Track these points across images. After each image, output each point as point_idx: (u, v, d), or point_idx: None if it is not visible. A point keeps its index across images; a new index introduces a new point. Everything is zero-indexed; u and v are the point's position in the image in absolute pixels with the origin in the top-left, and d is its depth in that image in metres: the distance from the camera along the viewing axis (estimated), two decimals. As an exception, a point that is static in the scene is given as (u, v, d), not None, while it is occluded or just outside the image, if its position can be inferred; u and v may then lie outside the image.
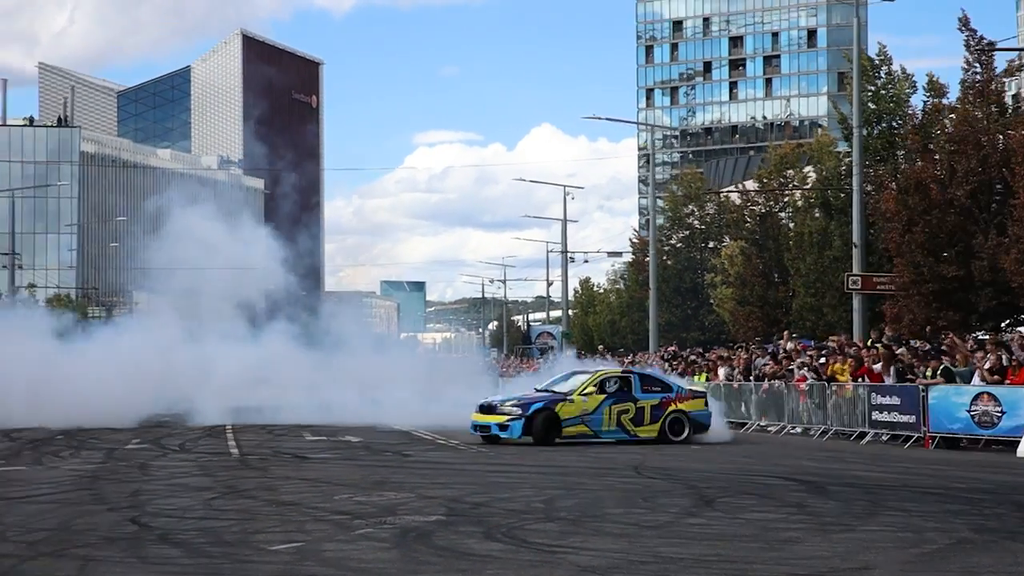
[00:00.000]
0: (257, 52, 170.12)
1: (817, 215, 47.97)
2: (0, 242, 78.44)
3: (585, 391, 27.78)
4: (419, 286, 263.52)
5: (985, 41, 36.20)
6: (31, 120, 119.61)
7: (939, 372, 26.46)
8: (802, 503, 15.60)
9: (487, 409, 27.70)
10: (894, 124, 42.35)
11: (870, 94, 42.21)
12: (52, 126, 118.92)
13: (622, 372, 29.77)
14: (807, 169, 54.34)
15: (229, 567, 11.23)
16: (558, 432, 27.22)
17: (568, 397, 27.66)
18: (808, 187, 50.87)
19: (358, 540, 12.70)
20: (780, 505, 15.41)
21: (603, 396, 27.88)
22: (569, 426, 27.37)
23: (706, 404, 28.87)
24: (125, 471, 20.67)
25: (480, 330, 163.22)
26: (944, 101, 39.38)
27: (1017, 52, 41.12)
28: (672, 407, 28.06)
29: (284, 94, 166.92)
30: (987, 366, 25.79)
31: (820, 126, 70.03)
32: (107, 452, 24.87)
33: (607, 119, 52.50)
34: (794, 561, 11.25)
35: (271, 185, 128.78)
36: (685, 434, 27.92)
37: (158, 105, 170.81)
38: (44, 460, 23.18)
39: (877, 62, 43.14)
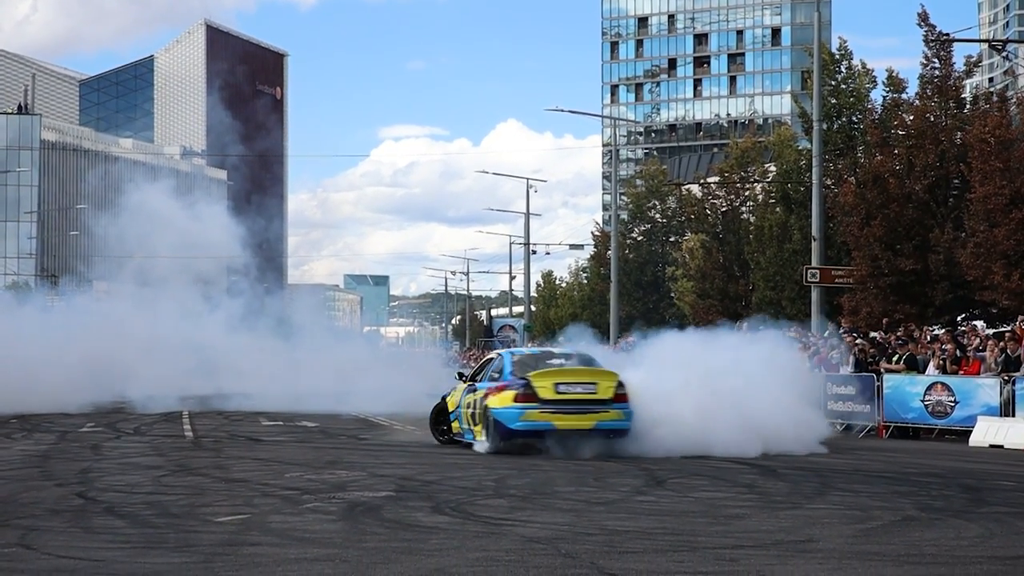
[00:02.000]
0: (221, 43, 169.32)
1: (777, 209, 48.17)
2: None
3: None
4: (383, 280, 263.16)
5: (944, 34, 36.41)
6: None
7: (904, 359, 26.68)
8: (752, 484, 15.66)
9: None
10: (854, 119, 42.56)
11: (830, 88, 42.42)
12: (12, 113, 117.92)
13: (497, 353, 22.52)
14: (768, 166, 54.57)
15: (173, 536, 11.18)
16: (448, 425, 22.07)
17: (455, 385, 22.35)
18: (768, 180, 51.08)
19: (305, 513, 12.66)
20: (731, 486, 15.47)
21: (465, 385, 21.57)
22: (453, 419, 21.84)
23: (516, 400, 19.30)
24: (77, 451, 20.54)
25: (443, 324, 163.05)
26: (903, 96, 39.61)
27: (974, 43, 41.36)
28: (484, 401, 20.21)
29: (248, 86, 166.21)
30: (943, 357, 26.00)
31: (780, 122, 70.29)
32: (60, 435, 24.69)
33: (571, 112, 52.75)
34: (740, 534, 11.28)
35: (234, 176, 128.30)
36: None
37: (121, 95, 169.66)
38: (-5, 441, 23.00)
39: (838, 56, 43.38)
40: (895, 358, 27.15)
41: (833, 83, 42.64)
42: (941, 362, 26.09)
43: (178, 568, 9.64)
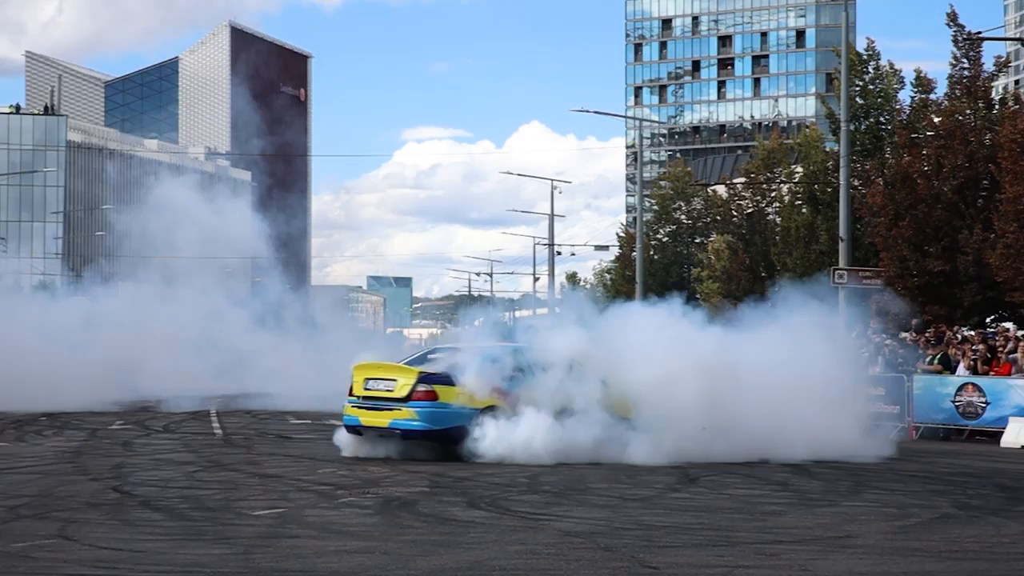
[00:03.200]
0: (246, 44, 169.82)
1: (804, 210, 48.01)
2: (-15, 229, 78.25)
3: None
4: (406, 282, 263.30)
5: (973, 33, 36.24)
6: (17, 108, 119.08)
7: (937, 359, 26.57)
8: (786, 482, 15.61)
9: None
10: (881, 119, 42.39)
11: (858, 89, 42.25)
12: (39, 114, 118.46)
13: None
14: (795, 167, 54.42)
15: (212, 529, 11.21)
16: None
17: None
18: (795, 181, 50.91)
19: (341, 507, 12.69)
20: (764, 484, 15.42)
21: None
22: None
23: (348, 394, 18.94)
24: (108, 448, 20.59)
25: (466, 326, 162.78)
26: (931, 97, 39.44)
27: (1004, 42, 41.13)
28: None
29: (272, 87, 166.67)
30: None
31: (808, 126, 70.18)
32: (90, 432, 24.76)
33: (596, 112, 52.54)
34: (778, 530, 11.26)
35: (258, 177, 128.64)
36: None
37: (146, 96, 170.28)
38: (27, 438, 23.07)
39: (865, 57, 43.19)
40: (928, 359, 27.02)
41: (861, 84, 42.47)
42: (972, 363, 25.96)
43: (219, 559, 9.66)
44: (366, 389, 18.39)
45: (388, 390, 18.13)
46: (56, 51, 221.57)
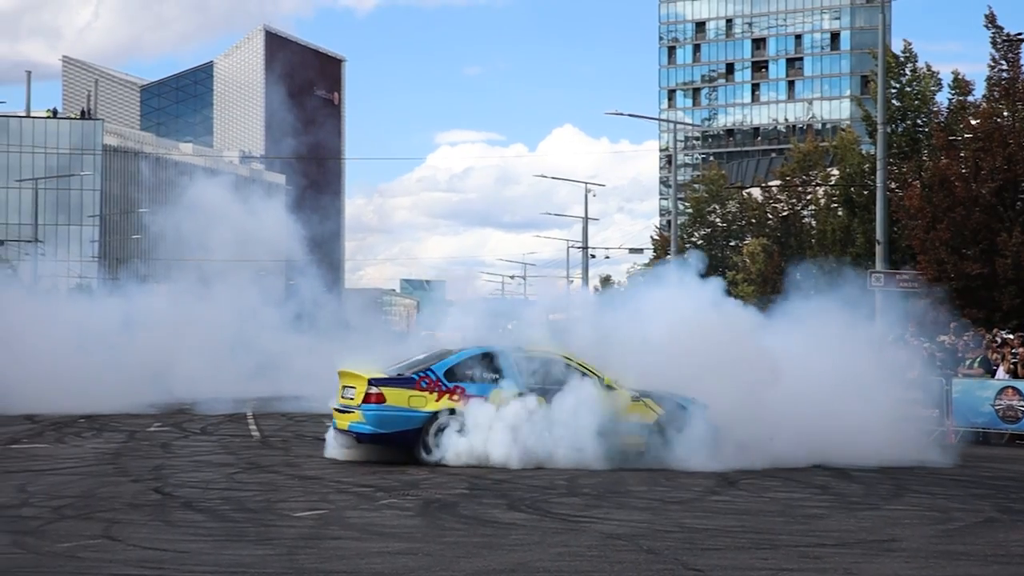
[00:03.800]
0: (280, 48, 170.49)
1: (840, 212, 47.83)
2: (23, 233, 78.74)
3: None
4: (439, 285, 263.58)
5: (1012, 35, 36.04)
6: (55, 112, 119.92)
7: (977, 362, 26.39)
8: (826, 485, 15.53)
9: None
10: (919, 122, 42.21)
11: (895, 91, 42.07)
12: (75, 118, 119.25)
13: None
14: (830, 169, 54.20)
15: (254, 530, 11.25)
16: None
17: None
18: (832, 184, 50.73)
19: (382, 509, 12.71)
20: (804, 487, 15.34)
21: None
22: None
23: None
24: (147, 449, 20.68)
25: (500, 329, 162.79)
26: (969, 99, 39.25)
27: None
28: None
29: (306, 91, 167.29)
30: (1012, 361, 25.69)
31: (843, 129, 69.91)
32: (129, 434, 24.86)
33: (631, 115, 52.47)
34: (820, 533, 11.21)
35: (292, 180, 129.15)
36: None
37: (181, 100, 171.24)
38: (66, 440, 23.21)
39: (902, 59, 43.01)
40: (967, 362, 26.84)
41: (898, 86, 42.29)
42: (1012, 366, 25.77)
43: (262, 560, 9.70)
44: (342, 395, 18.67)
45: (350, 397, 18.32)
46: (93, 56, 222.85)
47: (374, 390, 17.91)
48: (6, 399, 32.48)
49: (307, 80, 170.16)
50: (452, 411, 17.78)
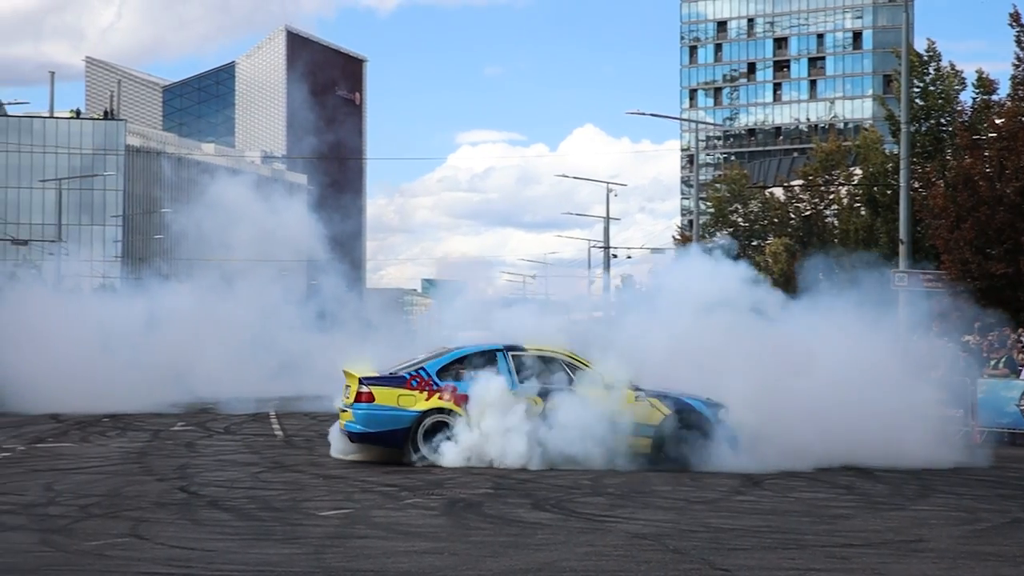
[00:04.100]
0: (302, 49, 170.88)
1: (863, 212, 47.67)
2: (47, 233, 79.08)
3: None
4: (462, 285, 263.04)
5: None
6: (78, 113, 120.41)
7: (1002, 362, 26.27)
8: (851, 486, 15.48)
9: None
10: (942, 121, 42.01)
11: (918, 90, 41.89)
12: (98, 119, 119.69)
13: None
14: (853, 169, 54.04)
15: (280, 529, 11.28)
16: None
17: None
18: (854, 183, 50.57)
19: (407, 508, 12.73)
20: (829, 487, 15.29)
21: None
22: None
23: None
24: (172, 448, 20.75)
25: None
26: (994, 98, 39.05)
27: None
28: None
29: (328, 91, 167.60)
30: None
31: (865, 128, 69.76)
32: (153, 433, 24.95)
33: (652, 115, 52.35)
34: (847, 534, 11.17)
35: (314, 180, 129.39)
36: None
37: (203, 100, 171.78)
38: (91, 439, 23.30)
39: (926, 58, 42.83)
40: (992, 362, 26.73)
41: (921, 85, 42.11)
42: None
43: (289, 559, 9.72)
44: (344, 395, 18.58)
45: (348, 396, 18.26)
46: (115, 57, 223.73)
47: (364, 389, 17.80)
48: (30, 398, 32.67)
49: (329, 80, 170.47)
50: (442, 410, 17.52)
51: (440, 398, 17.55)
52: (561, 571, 9.12)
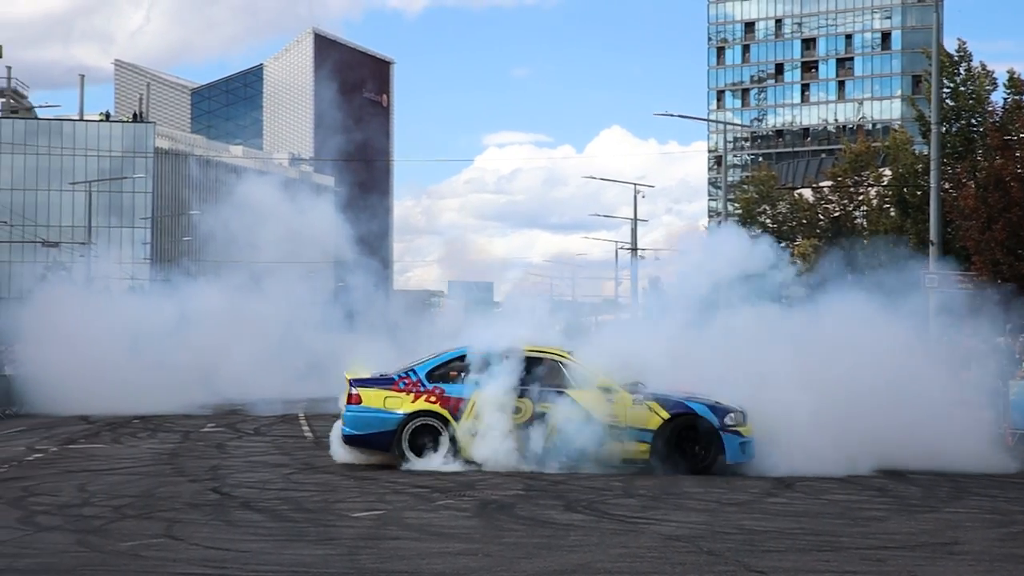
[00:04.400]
0: (329, 51, 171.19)
1: (892, 213, 47.45)
2: (76, 235, 79.47)
3: None
4: (487, 286, 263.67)
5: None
6: (107, 115, 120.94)
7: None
8: (884, 488, 15.40)
9: None
10: (973, 121, 41.79)
11: (949, 91, 41.67)
12: (127, 121, 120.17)
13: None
14: (883, 170, 53.79)
15: (314, 530, 11.31)
16: None
17: None
18: (884, 184, 50.34)
19: (439, 510, 12.74)
20: (861, 489, 15.22)
21: None
22: None
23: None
24: (203, 450, 20.83)
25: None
26: (1025, 98, 38.85)
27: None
28: None
29: (355, 93, 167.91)
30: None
31: (894, 129, 69.48)
32: (183, 434, 25.07)
33: (680, 116, 52.25)
34: (881, 536, 11.12)
35: (341, 182, 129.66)
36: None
37: (231, 103, 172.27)
38: (122, 440, 23.43)
39: (956, 59, 42.60)
40: (1024, 364, 26.57)
41: (952, 85, 41.89)
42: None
43: (323, 560, 9.74)
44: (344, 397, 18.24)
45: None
46: (144, 59, 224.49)
47: (353, 391, 17.49)
48: (60, 400, 32.88)
49: (356, 82, 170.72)
50: (428, 413, 17.03)
51: (427, 400, 17.06)
52: (596, 572, 9.11)
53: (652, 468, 16.34)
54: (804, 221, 59.55)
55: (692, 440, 16.55)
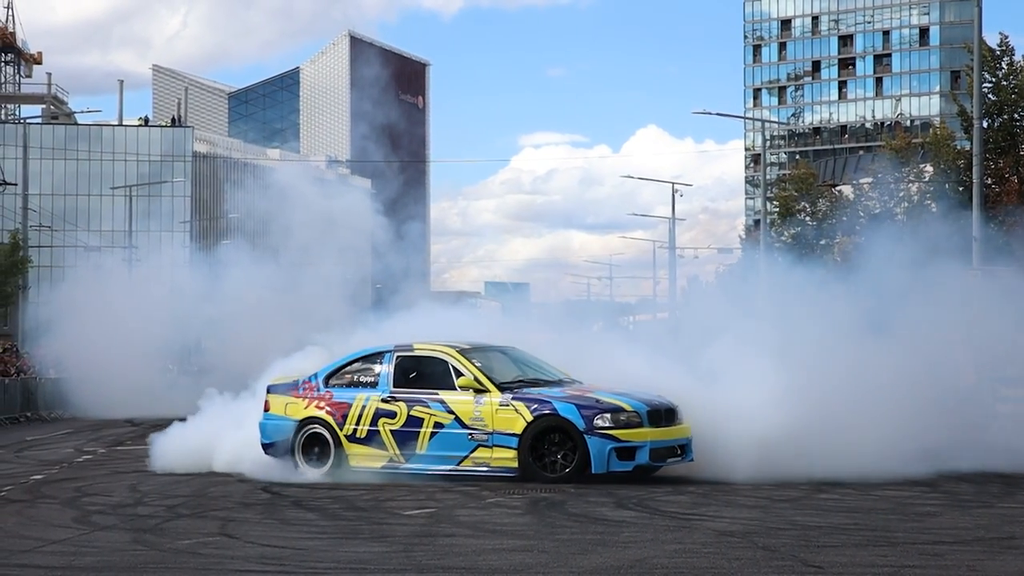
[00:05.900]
0: (365, 53, 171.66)
1: (933, 209, 47.12)
2: (117, 239, 79.97)
3: None
4: (523, 287, 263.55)
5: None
6: (146, 120, 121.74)
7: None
8: (935, 484, 15.29)
9: None
10: (1016, 116, 41.50)
11: (990, 85, 41.39)
12: (166, 126, 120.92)
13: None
14: (924, 166, 53.44)
15: (367, 528, 11.37)
16: None
17: None
18: (926, 180, 50.03)
19: (490, 507, 12.77)
20: (912, 485, 15.11)
21: None
22: None
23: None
24: (249, 450, 20.91)
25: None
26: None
27: None
28: None
29: (391, 95, 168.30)
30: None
31: (932, 125, 69.04)
32: (229, 435, 25.17)
33: (718, 114, 52.20)
34: (936, 531, 11.07)
35: (377, 184, 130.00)
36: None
37: (268, 106, 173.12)
38: (169, 441, 23.53)
39: (998, 52, 42.30)
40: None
41: (993, 80, 41.61)
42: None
43: (380, 557, 9.78)
44: None
45: None
46: (181, 64, 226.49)
47: (265, 397, 16.54)
48: (107, 405, 33.18)
49: (392, 85, 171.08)
50: (316, 420, 15.80)
51: (316, 407, 15.89)
52: (653, 568, 9.10)
53: (522, 478, 14.71)
54: (844, 218, 59.18)
55: (558, 444, 14.78)
